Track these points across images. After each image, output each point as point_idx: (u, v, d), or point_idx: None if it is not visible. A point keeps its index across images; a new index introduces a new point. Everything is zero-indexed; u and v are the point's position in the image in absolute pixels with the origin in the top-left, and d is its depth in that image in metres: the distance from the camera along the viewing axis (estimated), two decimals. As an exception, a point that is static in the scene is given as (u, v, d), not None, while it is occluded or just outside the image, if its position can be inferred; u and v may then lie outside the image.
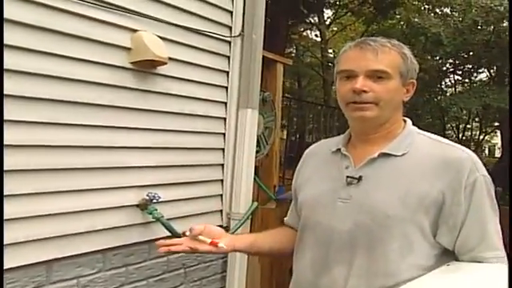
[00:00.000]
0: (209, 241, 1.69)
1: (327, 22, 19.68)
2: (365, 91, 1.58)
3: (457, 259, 1.58)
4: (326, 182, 1.71)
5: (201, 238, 1.69)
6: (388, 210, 1.54)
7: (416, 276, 1.51)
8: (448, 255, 1.58)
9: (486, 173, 1.57)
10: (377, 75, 1.58)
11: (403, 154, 1.60)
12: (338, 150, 1.73)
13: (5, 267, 2.19)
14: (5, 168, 2.17)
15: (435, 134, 1.72)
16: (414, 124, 1.73)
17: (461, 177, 1.52)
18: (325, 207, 1.67)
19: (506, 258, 1.55)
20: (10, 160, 2.20)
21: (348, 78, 1.62)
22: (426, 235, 1.55)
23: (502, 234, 1.59)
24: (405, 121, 1.72)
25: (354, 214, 1.59)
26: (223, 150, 3.50)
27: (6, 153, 2.17)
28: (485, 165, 1.61)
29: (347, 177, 1.64)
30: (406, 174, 1.57)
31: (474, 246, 1.54)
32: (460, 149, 1.61)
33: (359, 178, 1.61)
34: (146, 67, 2.81)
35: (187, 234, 1.72)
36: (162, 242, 1.74)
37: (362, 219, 1.58)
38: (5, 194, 2.18)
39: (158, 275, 3.03)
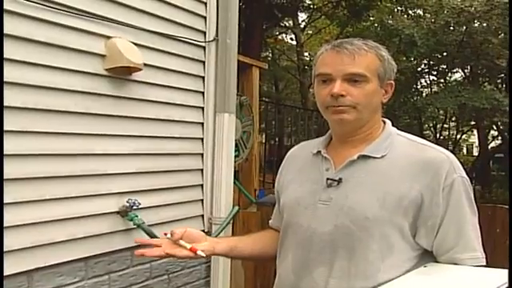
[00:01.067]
0: (189, 246, 1.67)
1: (302, 26, 19.78)
2: (342, 95, 1.58)
3: (436, 260, 1.59)
4: (306, 185, 1.72)
5: (181, 242, 1.68)
6: (367, 212, 1.55)
7: (396, 277, 1.52)
8: (429, 256, 1.59)
9: (464, 174, 1.58)
10: (354, 79, 1.58)
11: (382, 156, 1.61)
12: (319, 152, 1.73)
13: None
14: (-18, 178, 2.16)
15: (413, 134, 1.73)
16: (393, 125, 1.74)
17: (439, 178, 1.53)
18: (305, 209, 1.67)
19: (483, 259, 1.56)
20: (-13, 170, 2.18)
21: (325, 81, 1.62)
22: (405, 236, 1.55)
23: (481, 233, 1.60)
24: (384, 122, 1.73)
25: (334, 216, 1.59)
26: (202, 155, 3.51)
27: (-17, 163, 2.16)
28: (463, 163, 1.62)
29: (327, 179, 1.64)
30: (385, 176, 1.58)
31: (451, 246, 1.55)
32: (438, 150, 1.62)
33: (339, 180, 1.62)
34: (122, 74, 2.81)
35: (168, 236, 1.70)
36: (140, 239, 1.76)
37: (341, 221, 1.58)
38: (-17, 204, 2.17)
39: (141, 282, 3.02)
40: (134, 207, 2.85)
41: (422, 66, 15.23)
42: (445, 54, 13.45)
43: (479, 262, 1.54)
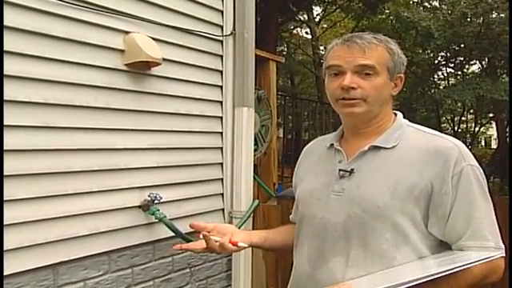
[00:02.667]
0: (223, 239, 1.69)
1: (317, 19, 19.76)
2: (353, 88, 1.60)
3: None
4: (320, 177, 1.75)
5: (214, 238, 1.69)
6: (378, 201, 1.57)
7: None
8: (444, 246, 1.59)
9: (474, 162, 1.58)
10: (364, 71, 1.61)
11: (393, 147, 1.63)
12: (332, 145, 1.77)
13: (12, 271, 2.21)
14: (6, 173, 2.18)
15: (431, 127, 1.74)
16: (408, 118, 1.76)
17: (448, 166, 1.54)
18: (319, 201, 1.71)
19: (495, 250, 1.52)
20: (11, 165, 2.21)
21: (336, 74, 1.65)
22: (418, 226, 1.56)
23: (498, 225, 1.57)
24: (396, 114, 1.75)
25: (347, 207, 1.62)
26: (221, 149, 3.51)
27: (6, 158, 2.18)
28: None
29: (340, 170, 1.67)
30: (395, 166, 1.60)
31: (460, 234, 1.54)
32: (447, 139, 1.63)
33: (351, 171, 1.65)
34: (141, 68, 2.82)
35: (201, 236, 1.70)
36: (179, 246, 1.75)
37: (354, 211, 1.60)
38: (7, 198, 2.20)
39: (163, 275, 3.04)
40: (156, 201, 2.86)
41: (439, 58, 15.09)
42: (462, 45, 13.32)
43: (487, 251, 1.50)
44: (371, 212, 1.57)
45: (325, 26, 20.88)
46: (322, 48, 20.02)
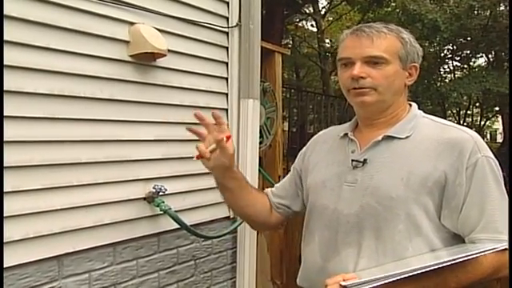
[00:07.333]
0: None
1: (322, 12, 19.70)
2: (362, 77, 1.61)
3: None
4: (333, 167, 1.75)
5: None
6: (391, 192, 1.56)
7: None
8: (458, 239, 1.58)
9: (489, 154, 1.57)
10: (373, 61, 1.61)
11: (407, 137, 1.63)
12: (346, 134, 1.77)
13: (17, 262, 2.21)
14: (11, 164, 2.18)
15: (439, 119, 1.73)
16: (419, 108, 1.76)
17: (462, 157, 1.53)
18: (332, 191, 1.71)
19: (507, 242, 1.51)
20: (15, 156, 2.20)
21: (346, 65, 1.66)
22: (431, 217, 1.56)
23: None
24: (410, 105, 1.75)
25: (360, 197, 1.62)
26: (226, 141, 3.49)
27: (10, 149, 2.17)
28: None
29: (352, 160, 1.67)
30: (409, 156, 1.59)
31: (473, 227, 1.53)
32: (462, 130, 1.63)
33: (364, 161, 1.65)
34: (146, 60, 2.80)
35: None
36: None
37: (367, 202, 1.60)
38: (12, 190, 2.19)
39: (168, 267, 3.03)
40: (161, 193, 2.85)
41: (446, 51, 15.06)
42: (469, 38, 13.29)
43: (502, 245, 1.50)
44: (384, 203, 1.57)
45: (330, 18, 20.83)
46: (327, 41, 20.00)
